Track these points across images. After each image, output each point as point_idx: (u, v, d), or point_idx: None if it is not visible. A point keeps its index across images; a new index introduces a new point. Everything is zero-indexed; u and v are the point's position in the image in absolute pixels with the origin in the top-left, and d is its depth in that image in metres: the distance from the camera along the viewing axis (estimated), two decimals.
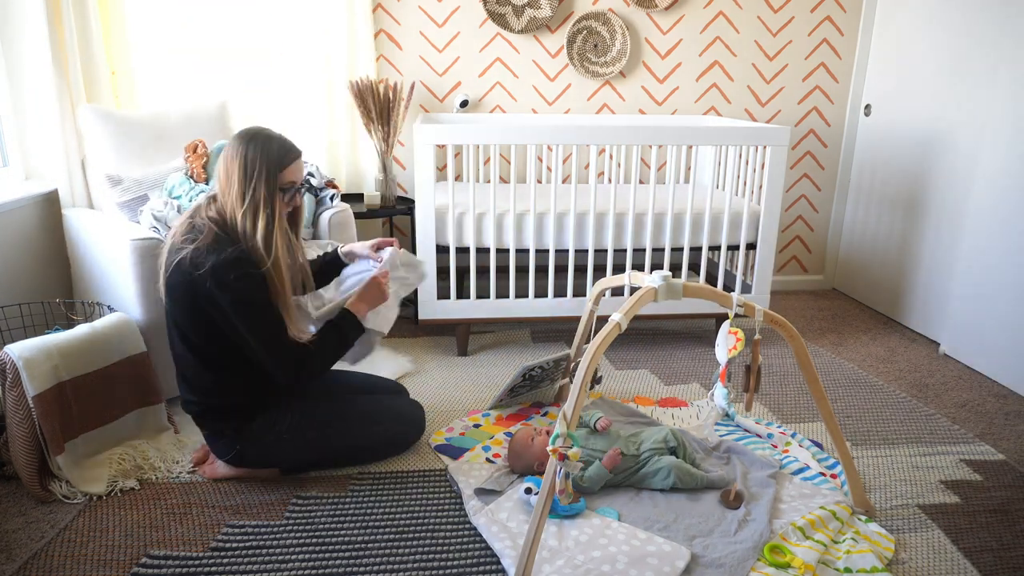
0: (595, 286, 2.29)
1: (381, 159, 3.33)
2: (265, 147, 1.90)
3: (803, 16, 3.76)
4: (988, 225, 2.93)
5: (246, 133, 1.93)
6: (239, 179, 1.88)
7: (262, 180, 1.89)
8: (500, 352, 3.13)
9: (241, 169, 1.88)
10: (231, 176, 1.90)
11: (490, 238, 2.96)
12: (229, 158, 1.91)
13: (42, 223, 2.80)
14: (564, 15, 3.62)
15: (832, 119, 3.95)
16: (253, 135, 1.92)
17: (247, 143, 1.90)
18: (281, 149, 1.93)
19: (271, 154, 1.91)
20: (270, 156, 1.90)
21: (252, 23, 3.31)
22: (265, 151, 1.90)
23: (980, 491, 2.13)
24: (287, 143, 1.96)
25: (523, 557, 1.60)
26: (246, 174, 1.88)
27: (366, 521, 1.93)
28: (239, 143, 1.91)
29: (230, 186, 1.90)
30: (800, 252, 4.17)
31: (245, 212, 1.88)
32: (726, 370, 1.90)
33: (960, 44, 3.16)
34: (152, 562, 1.75)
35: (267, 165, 1.89)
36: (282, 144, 1.95)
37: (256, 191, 1.88)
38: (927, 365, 3.09)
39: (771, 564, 1.73)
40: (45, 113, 2.71)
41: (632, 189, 2.94)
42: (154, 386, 2.32)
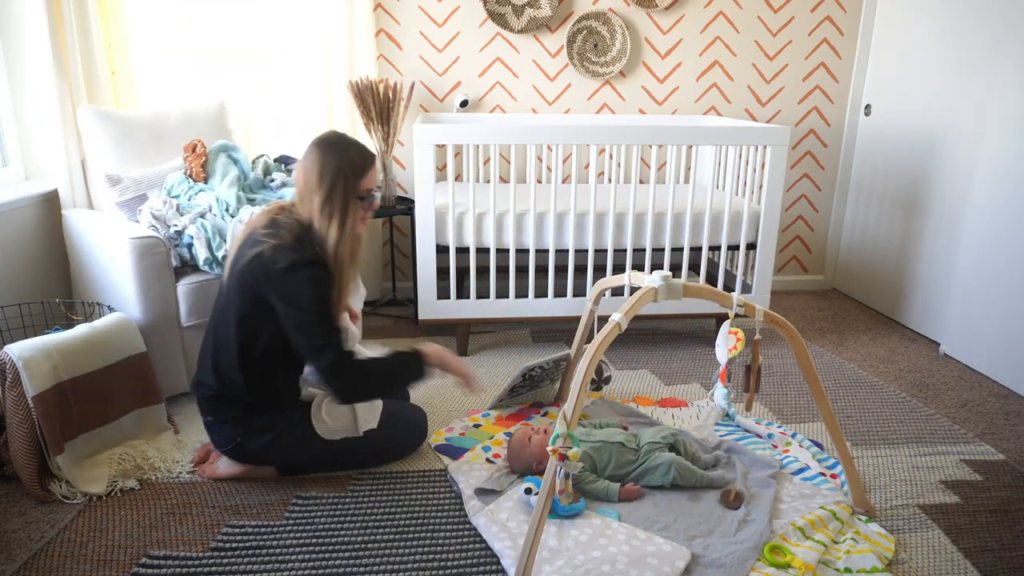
0: (595, 286, 2.29)
1: (381, 159, 3.33)
2: (344, 154, 1.94)
3: (803, 16, 3.76)
4: (988, 225, 2.93)
5: (325, 140, 1.96)
6: (318, 185, 1.91)
7: (341, 187, 1.92)
8: (500, 352, 3.13)
9: (319, 176, 1.91)
10: (310, 182, 1.93)
11: (490, 238, 2.96)
12: (309, 165, 1.93)
13: (42, 223, 2.80)
14: (564, 15, 3.62)
15: (832, 119, 3.95)
16: (333, 142, 1.96)
17: (326, 148, 1.94)
18: (359, 156, 1.97)
19: (350, 160, 1.94)
20: (349, 162, 1.94)
21: (252, 23, 3.31)
22: (345, 158, 1.93)
23: (980, 491, 2.13)
24: (364, 149, 1.99)
25: (523, 557, 1.60)
26: (326, 181, 1.91)
27: (366, 521, 1.93)
28: (319, 150, 1.94)
29: (310, 192, 1.93)
30: (800, 252, 4.17)
31: (323, 218, 1.92)
32: (726, 370, 1.90)
33: (960, 44, 3.16)
34: (152, 562, 1.75)
35: (346, 172, 1.93)
36: (359, 151, 1.98)
37: (334, 198, 1.92)
38: (927, 365, 3.09)
39: (771, 564, 1.73)
40: (45, 113, 2.71)
41: (632, 189, 2.94)
42: (154, 386, 2.32)
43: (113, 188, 2.63)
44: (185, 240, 2.52)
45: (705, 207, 3.03)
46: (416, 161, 2.82)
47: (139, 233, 2.39)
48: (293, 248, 1.89)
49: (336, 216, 1.92)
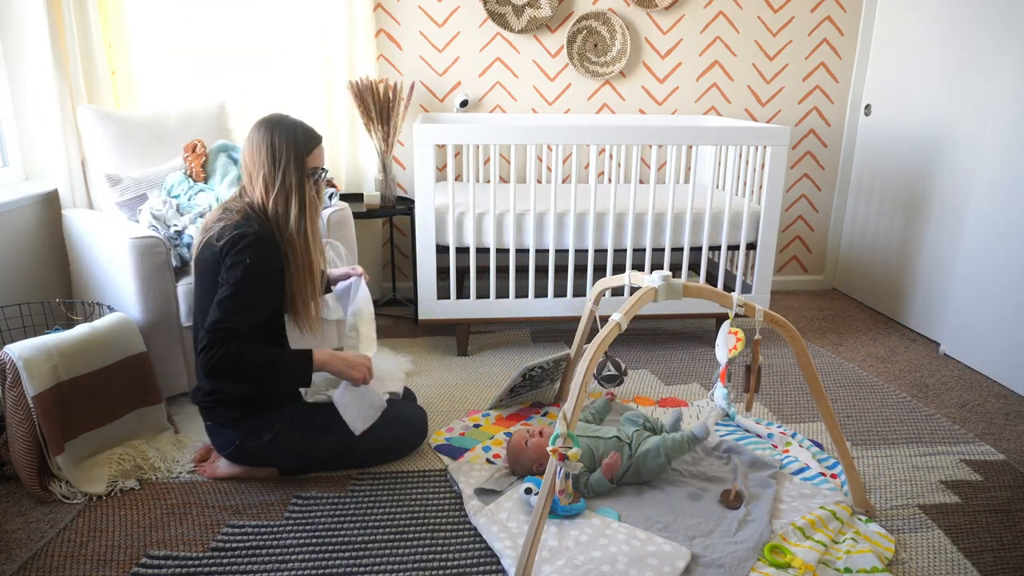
0: (595, 286, 2.29)
1: (381, 159, 3.33)
2: (290, 133, 1.94)
3: (803, 16, 3.76)
4: (988, 225, 2.93)
5: (269, 120, 1.97)
6: (268, 165, 1.92)
7: (291, 165, 1.93)
8: (500, 352, 3.13)
9: (269, 155, 1.92)
10: (258, 162, 1.93)
11: (490, 238, 2.96)
12: (255, 145, 1.94)
13: (42, 223, 2.80)
14: (564, 15, 3.62)
15: (832, 119, 3.95)
16: (277, 121, 1.96)
17: (272, 129, 1.94)
18: (305, 135, 1.98)
19: (297, 139, 1.95)
20: (296, 141, 1.94)
21: (252, 23, 3.31)
22: (291, 137, 1.94)
23: (980, 491, 2.13)
24: (309, 129, 2.01)
25: (523, 557, 1.60)
26: (274, 160, 1.92)
27: (366, 521, 1.93)
28: (264, 129, 1.94)
29: (258, 172, 1.94)
30: (800, 252, 4.17)
31: (276, 198, 1.93)
32: (726, 370, 1.90)
33: (960, 44, 3.16)
34: (152, 562, 1.75)
35: (294, 150, 1.93)
36: (305, 130, 1.99)
37: (286, 176, 1.93)
38: (927, 365, 3.09)
39: (771, 564, 1.73)
40: (45, 113, 2.71)
41: (632, 189, 2.94)
42: (154, 386, 2.32)
43: (113, 188, 2.63)
44: (185, 240, 2.52)
45: (705, 207, 3.03)
46: (416, 161, 2.82)
47: (139, 233, 2.39)
48: (239, 224, 1.90)
49: (293, 194, 1.93)
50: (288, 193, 1.94)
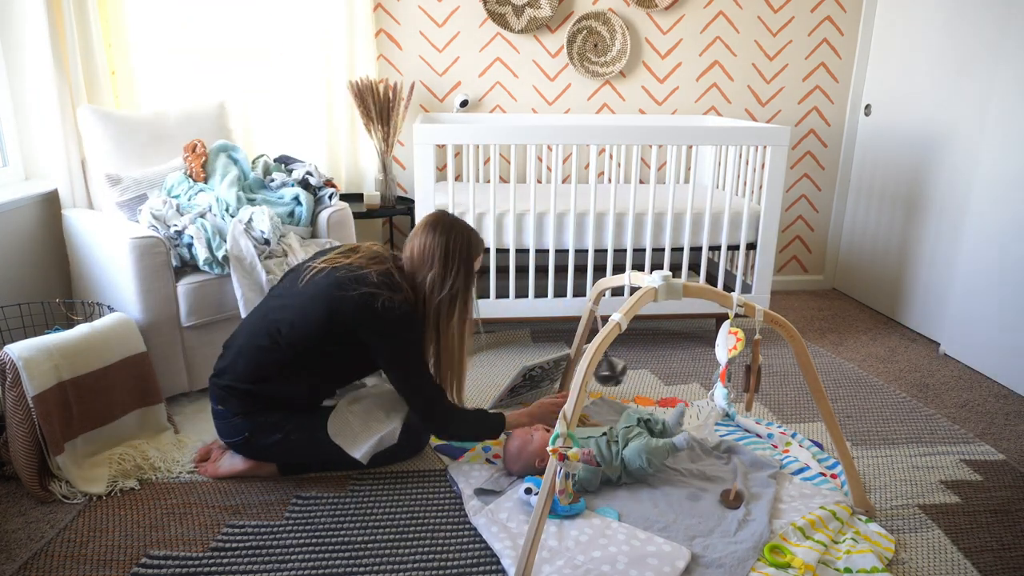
0: (595, 286, 2.29)
1: (381, 159, 3.33)
2: (465, 238, 2.04)
3: (803, 16, 3.76)
4: (988, 225, 2.93)
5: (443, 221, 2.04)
6: (439, 267, 2.00)
7: (463, 271, 2.02)
8: (500, 352, 3.13)
9: (442, 258, 2.00)
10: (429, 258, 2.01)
11: (490, 238, 2.96)
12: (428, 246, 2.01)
13: (42, 223, 2.80)
14: (564, 15, 3.62)
15: (832, 119, 3.95)
16: (451, 224, 2.04)
17: (447, 232, 2.02)
18: (478, 243, 2.08)
19: (471, 247, 2.04)
20: (471, 248, 2.04)
21: (252, 23, 3.31)
22: (466, 242, 2.04)
23: (980, 491, 2.13)
24: (478, 236, 2.10)
25: (523, 557, 1.60)
26: (446, 265, 2.00)
27: (366, 521, 1.93)
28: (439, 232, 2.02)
29: (427, 267, 2.01)
30: (800, 252, 4.17)
31: (442, 299, 2.01)
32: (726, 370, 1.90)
33: (960, 44, 3.16)
34: (152, 562, 1.75)
35: (468, 256, 2.03)
36: (477, 238, 2.09)
37: (456, 281, 2.01)
38: (927, 365, 3.09)
39: (771, 564, 1.73)
40: (45, 113, 2.71)
41: (632, 189, 2.94)
42: (154, 386, 2.32)
43: (113, 188, 2.63)
44: (185, 240, 2.52)
45: (705, 207, 3.03)
46: (416, 161, 2.82)
47: (139, 233, 2.39)
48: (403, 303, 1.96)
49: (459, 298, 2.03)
50: (454, 297, 2.02)
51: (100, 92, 2.88)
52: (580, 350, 2.43)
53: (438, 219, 2.06)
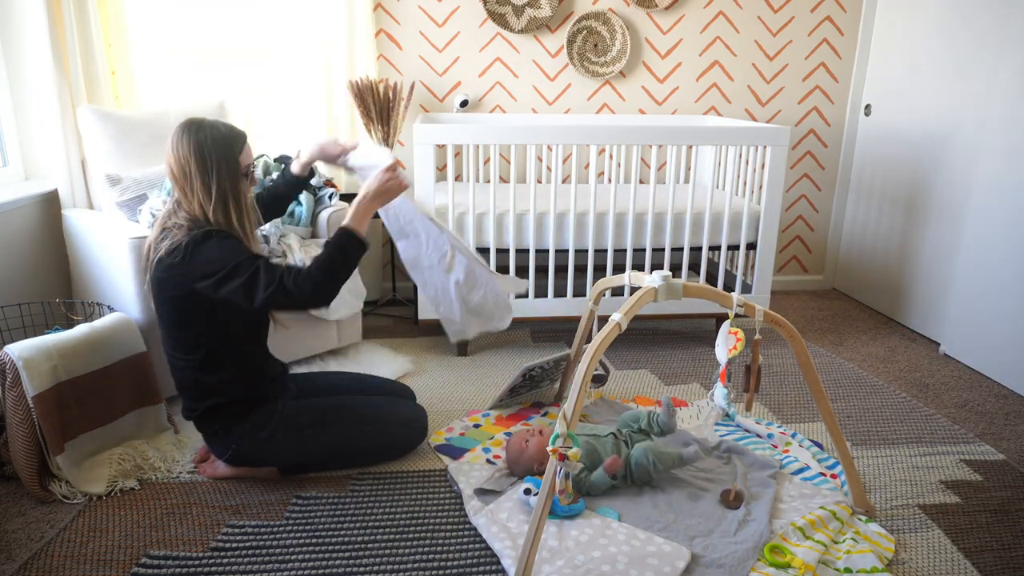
0: (595, 286, 2.29)
1: None
2: (214, 135, 1.86)
3: (803, 16, 3.76)
4: (988, 225, 2.93)
5: (189, 125, 1.87)
6: (199, 173, 1.84)
7: (224, 169, 1.86)
8: (500, 352, 3.13)
9: (198, 162, 1.83)
10: (188, 172, 1.84)
11: (490, 238, 2.96)
12: (181, 154, 1.84)
13: (42, 223, 2.80)
14: (564, 15, 3.62)
15: (832, 119, 3.95)
16: (198, 125, 1.86)
17: (194, 134, 1.85)
18: (231, 134, 1.90)
19: (224, 141, 1.87)
20: (224, 143, 1.87)
21: (252, 23, 3.31)
22: (216, 139, 1.85)
23: (980, 491, 2.13)
24: (233, 128, 1.93)
25: (523, 557, 1.60)
26: (205, 167, 1.84)
27: (366, 521, 1.93)
28: (187, 135, 1.84)
29: (190, 183, 1.85)
30: (800, 252, 4.17)
31: (215, 207, 1.86)
32: (726, 370, 1.90)
33: (960, 44, 3.16)
34: (152, 562, 1.75)
35: (224, 153, 1.86)
36: (230, 129, 1.91)
37: (220, 182, 1.85)
38: (927, 365, 3.09)
39: (771, 564, 1.73)
40: (45, 113, 2.71)
41: (632, 189, 2.94)
42: (154, 386, 2.32)
43: (113, 188, 2.63)
44: None
45: (705, 207, 3.03)
46: (416, 161, 2.82)
47: (139, 233, 2.39)
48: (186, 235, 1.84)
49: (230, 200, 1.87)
50: (226, 200, 1.87)
51: (100, 92, 2.88)
52: (580, 350, 2.43)
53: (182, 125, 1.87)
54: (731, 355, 1.86)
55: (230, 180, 1.88)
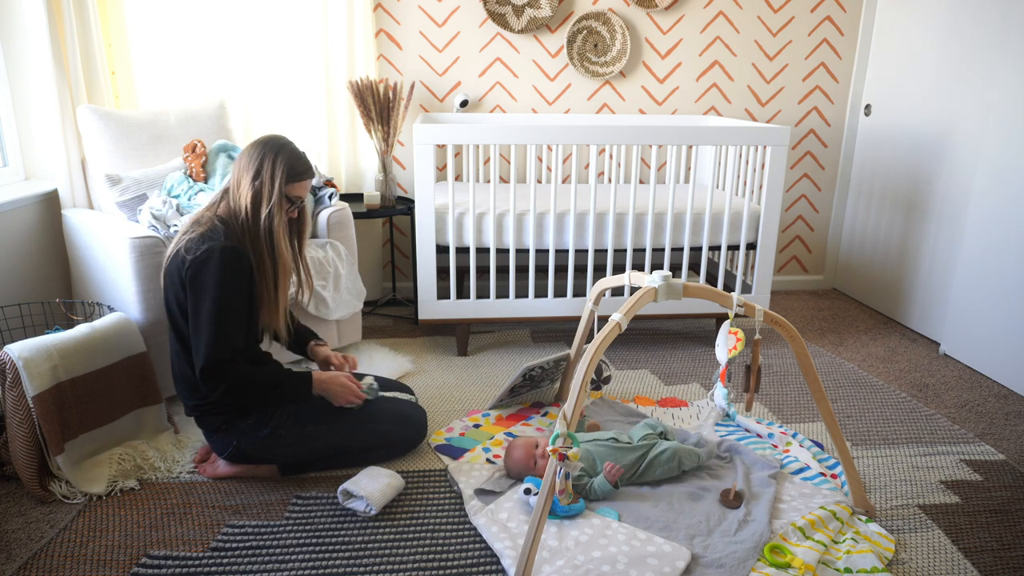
0: (595, 286, 2.29)
1: (381, 159, 3.33)
2: (282, 155, 1.99)
3: (803, 16, 3.76)
4: (988, 225, 2.93)
5: (269, 141, 2.01)
6: (250, 176, 1.97)
7: (273, 182, 1.97)
8: (500, 352, 3.13)
9: (255, 169, 1.97)
10: (242, 175, 1.99)
11: (490, 238, 2.96)
12: (246, 161, 1.99)
13: (42, 223, 2.80)
14: (564, 15, 3.62)
15: (832, 119, 3.95)
16: (277, 145, 2.01)
17: (265, 149, 1.99)
18: (298, 162, 2.02)
19: (286, 163, 1.99)
20: (285, 164, 1.99)
21: (252, 23, 3.31)
22: (282, 159, 1.99)
23: (980, 491, 2.13)
24: (305, 159, 2.05)
25: (523, 557, 1.60)
26: (258, 173, 1.97)
27: (366, 521, 1.92)
28: (259, 149, 1.99)
29: (239, 184, 1.99)
30: (800, 252, 4.17)
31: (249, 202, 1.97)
32: (726, 370, 1.90)
33: (960, 44, 3.16)
34: (152, 562, 1.75)
35: (281, 171, 1.98)
36: (300, 158, 2.04)
37: (263, 186, 1.97)
38: (927, 365, 3.09)
39: (771, 564, 1.73)
40: (45, 113, 2.71)
41: (632, 189, 2.94)
42: (154, 386, 2.32)
43: (113, 188, 2.63)
44: None
45: (705, 207, 3.03)
46: (416, 161, 2.82)
47: (139, 233, 2.39)
48: (206, 237, 1.92)
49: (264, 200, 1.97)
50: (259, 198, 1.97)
51: (100, 92, 2.88)
52: (580, 350, 2.43)
53: (260, 140, 2.03)
54: (731, 355, 1.86)
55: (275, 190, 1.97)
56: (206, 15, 3.24)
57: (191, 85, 3.28)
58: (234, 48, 3.31)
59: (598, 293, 2.28)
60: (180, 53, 3.23)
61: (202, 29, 3.25)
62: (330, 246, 2.80)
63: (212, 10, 3.24)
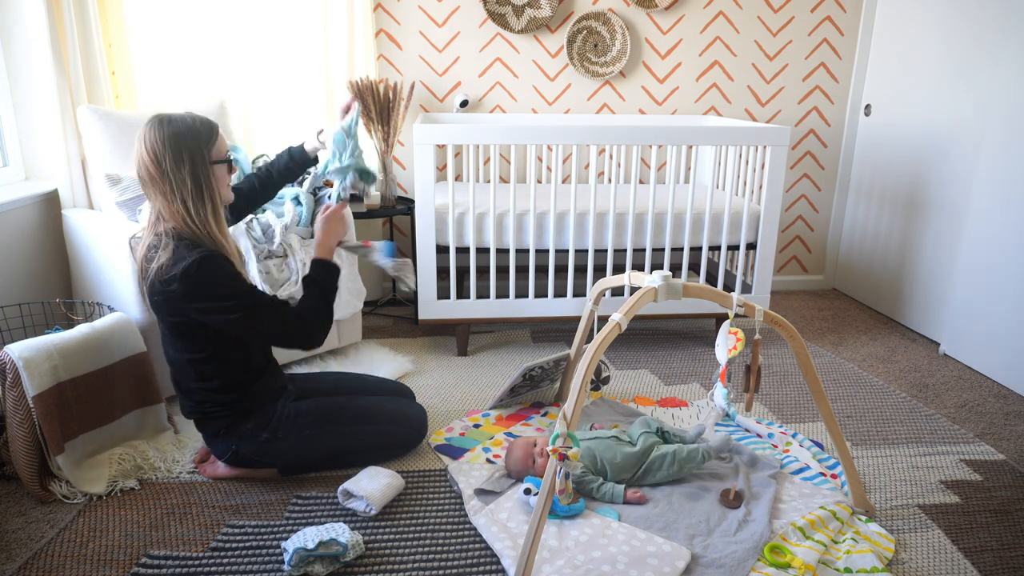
0: (595, 286, 2.29)
1: (381, 159, 3.33)
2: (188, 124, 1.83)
3: (803, 16, 3.76)
4: (988, 225, 2.93)
5: (161, 117, 1.82)
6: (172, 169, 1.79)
7: (199, 162, 1.82)
8: (500, 352, 3.13)
9: (174, 156, 1.79)
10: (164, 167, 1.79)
11: (490, 238, 2.96)
12: (155, 149, 1.79)
13: (42, 223, 2.80)
14: (564, 15, 3.62)
15: (832, 119, 3.95)
16: (168, 118, 1.82)
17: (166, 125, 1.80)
18: (202, 124, 1.86)
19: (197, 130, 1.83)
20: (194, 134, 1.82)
21: (252, 23, 3.31)
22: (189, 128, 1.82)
23: (980, 491, 2.13)
24: (204, 118, 1.89)
25: (523, 557, 1.60)
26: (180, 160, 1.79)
27: (366, 521, 1.92)
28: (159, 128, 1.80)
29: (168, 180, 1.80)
30: (800, 252, 4.17)
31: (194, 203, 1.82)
32: (726, 370, 1.90)
33: (960, 44, 3.16)
34: (152, 562, 1.75)
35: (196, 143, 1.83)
36: (201, 119, 1.87)
37: (196, 175, 1.82)
38: (927, 365, 3.09)
39: (771, 564, 1.73)
40: (45, 113, 2.71)
41: (632, 189, 2.94)
42: (154, 386, 2.32)
43: (113, 188, 2.63)
44: None
45: (705, 207, 3.03)
46: (416, 161, 2.82)
47: (139, 233, 2.38)
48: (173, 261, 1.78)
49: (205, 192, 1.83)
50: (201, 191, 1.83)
51: (100, 92, 2.88)
52: (580, 350, 2.43)
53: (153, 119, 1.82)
54: (731, 355, 1.86)
55: (205, 171, 1.83)
56: (206, 15, 3.24)
57: (191, 85, 3.28)
58: (234, 48, 3.31)
59: (598, 293, 2.28)
60: (180, 53, 3.23)
61: (202, 29, 3.24)
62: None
63: (212, 10, 3.24)
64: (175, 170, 1.80)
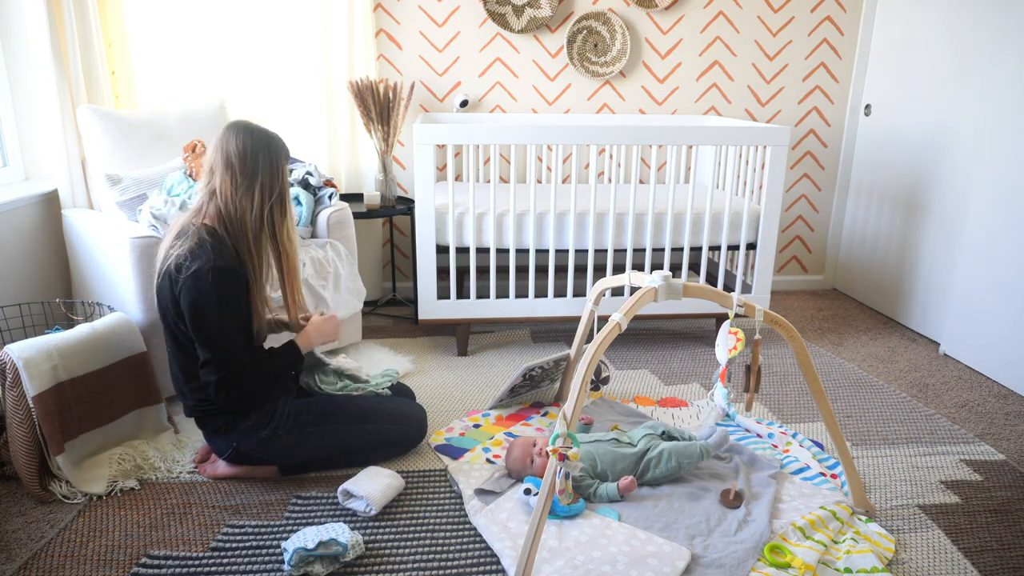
0: (595, 286, 2.29)
1: (381, 159, 3.33)
2: (267, 139, 1.94)
3: (803, 16, 3.76)
4: (988, 225, 2.93)
5: (247, 126, 1.93)
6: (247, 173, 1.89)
7: (279, 172, 1.93)
8: (500, 352, 3.13)
9: (251, 166, 1.89)
10: (240, 168, 1.89)
11: (490, 238, 2.96)
12: (234, 149, 1.89)
13: (42, 223, 2.80)
14: (564, 15, 3.62)
15: (832, 119, 3.95)
16: (256, 129, 1.95)
17: (253, 133, 1.92)
18: (280, 141, 1.98)
19: (278, 146, 1.95)
20: (278, 148, 1.95)
21: (252, 23, 3.31)
22: (269, 143, 1.93)
23: (980, 491, 2.13)
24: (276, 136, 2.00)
25: (523, 557, 1.60)
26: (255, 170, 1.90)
27: (366, 521, 1.92)
28: (245, 135, 1.91)
29: (230, 183, 1.90)
30: (800, 252, 4.17)
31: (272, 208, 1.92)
32: (726, 370, 1.90)
33: (960, 44, 3.16)
34: (152, 562, 1.75)
35: (278, 157, 1.94)
36: (279, 137, 1.99)
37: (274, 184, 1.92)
38: (927, 365, 3.09)
39: (771, 564, 1.73)
40: (45, 113, 2.71)
41: (632, 189, 2.94)
42: (154, 386, 2.32)
43: (113, 188, 2.63)
44: None
45: (705, 207, 3.03)
46: (416, 161, 2.82)
47: (139, 233, 2.39)
48: (195, 254, 1.85)
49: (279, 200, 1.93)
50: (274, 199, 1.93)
51: (100, 92, 2.88)
52: (580, 350, 2.43)
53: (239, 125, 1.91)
54: (731, 355, 1.86)
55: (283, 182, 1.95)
56: (206, 15, 3.24)
57: (191, 85, 3.28)
58: (234, 48, 3.31)
59: (598, 293, 2.28)
60: (180, 53, 3.23)
61: (202, 29, 3.25)
62: (330, 246, 2.80)
63: (212, 10, 3.24)
64: (267, 172, 1.90)
